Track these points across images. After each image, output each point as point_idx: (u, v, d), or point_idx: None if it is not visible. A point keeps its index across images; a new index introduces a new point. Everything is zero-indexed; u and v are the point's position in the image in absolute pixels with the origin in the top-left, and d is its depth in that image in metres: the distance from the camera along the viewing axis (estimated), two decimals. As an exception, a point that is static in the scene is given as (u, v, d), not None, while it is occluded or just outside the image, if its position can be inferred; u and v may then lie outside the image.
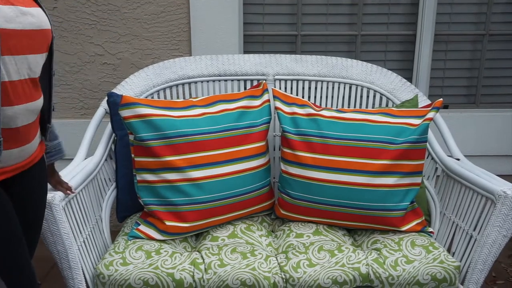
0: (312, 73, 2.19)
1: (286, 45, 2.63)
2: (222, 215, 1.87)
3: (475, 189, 1.72)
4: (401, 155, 1.80)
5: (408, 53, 2.66)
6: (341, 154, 1.83)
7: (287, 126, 1.91)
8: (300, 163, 1.86)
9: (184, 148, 1.79)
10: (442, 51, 2.68)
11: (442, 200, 1.94)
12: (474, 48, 2.69)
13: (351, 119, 1.88)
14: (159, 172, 1.80)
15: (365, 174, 1.80)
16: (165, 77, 2.12)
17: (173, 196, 1.79)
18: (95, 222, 1.78)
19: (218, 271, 1.63)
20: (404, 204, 1.82)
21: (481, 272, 1.64)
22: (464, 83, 2.75)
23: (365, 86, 2.18)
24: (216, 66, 2.16)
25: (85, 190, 1.71)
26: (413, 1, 2.60)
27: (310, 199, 1.87)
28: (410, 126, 1.83)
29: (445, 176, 1.94)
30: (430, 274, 1.65)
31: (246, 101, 1.97)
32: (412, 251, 1.72)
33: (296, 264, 1.66)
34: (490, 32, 2.65)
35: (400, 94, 2.16)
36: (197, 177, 1.80)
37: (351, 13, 2.61)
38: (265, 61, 2.18)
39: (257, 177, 1.92)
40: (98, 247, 1.76)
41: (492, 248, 1.62)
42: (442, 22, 2.63)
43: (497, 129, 2.67)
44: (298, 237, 1.84)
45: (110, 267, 1.63)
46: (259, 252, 1.71)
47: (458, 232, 1.78)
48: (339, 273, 1.64)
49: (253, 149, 1.91)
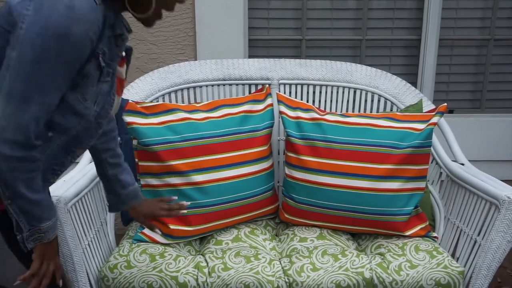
0: (317, 77, 2.19)
1: (291, 49, 2.64)
2: (226, 219, 1.88)
3: (479, 194, 1.71)
4: (405, 160, 1.80)
5: (413, 58, 2.66)
6: (345, 159, 1.83)
7: (291, 131, 1.91)
8: (305, 167, 1.87)
9: (188, 152, 1.80)
10: (447, 55, 2.68)
11: (446, 205, 1.94)
12: (479, 53, 2.69)
13: (355, 123, 1.88)
14: (163, 176, 1.80)
15: (369, 179, 1.80)
16: (170, 81, 2.13)
17: (177, 200, 1.79)
18: (100, 225, 1.79)
19: (221, 275, 1.63)
20: (408, 209, 1.82)
21: (485, 277, 1.63)
22: (469, 88, 2.74)
23: (370, 90, 2.18)
24: (221, 71, 2.17)
25: (90, 194, 1.72)
26: (418, 6, 2.60)
27: (314, 203, 1.87)
28: (414, 130, 1.83)
29: (449, 181, 1.94)
30: (434, 279, 1.65)
31: (249, 105, 1.98)
32: (416, 256, 1.71)
33: (299, 268, 1.66)
34: (495, 37, 2.64)
35: (405, 99, 2.16)
36: (201, 181, 1.80)
37: (356, 17, 2.61)
38: (270, 66, 2.19)
39: (260, 181, 1.93)
40: (102, 250, 1.76)
41: (497, 254, 1.61)
42: (447, 27, 2.63)
43: (502, 134, 2.67)
44: (302, 241, 1.84)
45: (114, 270, 1.64)
46: (263, 256, 1.71)
47: (462, 237, 1.78)
48: (343, 277, 1.64)
49: (256, 153, 1.92)
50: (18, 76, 1.00)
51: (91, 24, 1.04)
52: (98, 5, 1.06)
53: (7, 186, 1.05)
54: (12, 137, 1.02)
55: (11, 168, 1.03)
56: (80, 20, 1.01)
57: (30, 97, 1.02)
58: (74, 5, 1.01)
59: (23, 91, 1.01)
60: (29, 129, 1.03)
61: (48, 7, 1.01)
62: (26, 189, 1.06)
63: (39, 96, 1.03)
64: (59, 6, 1.00)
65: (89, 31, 1.04)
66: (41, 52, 1.00)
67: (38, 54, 1.00)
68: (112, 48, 1.16)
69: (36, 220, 1.11)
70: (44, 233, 1.13)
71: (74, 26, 1.01)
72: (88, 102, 1.13)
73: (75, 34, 1.01)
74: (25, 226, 1.10)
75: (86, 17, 1.02)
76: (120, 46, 1.19)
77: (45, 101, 1.04)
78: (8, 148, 1.02)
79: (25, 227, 1.11)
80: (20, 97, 1.01)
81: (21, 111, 1.01)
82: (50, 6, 1.01)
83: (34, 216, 1.11)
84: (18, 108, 1.01)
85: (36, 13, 1.01)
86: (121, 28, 1.18)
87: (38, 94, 1.02)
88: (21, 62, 1.00)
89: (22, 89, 1.01)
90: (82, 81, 1.10)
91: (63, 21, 1.00)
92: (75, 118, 1.13)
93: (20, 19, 1.02)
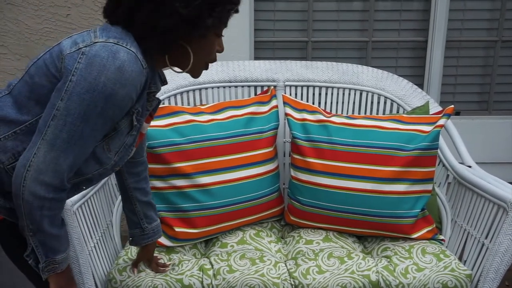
0: (323, 79, 2.18)
1: (297, 51, 2.63)
2: (231, 221, 1.87)
3: (487, 197, 1.70)
4: (412, 162, 1.79)
5: (420, 60, 2.65)
6: (351, 161, 1.82)
7: (297, 132, 1.91)
8: (310, 170, 1.86)
9: (193, 154, 1.80)
10: (454, 57, 2.66)
11: (454, 207, 1.92)
12: (487, 54, 2.67)
13: (361, 125, 1.88)
14: (168, 178, 1.80)
15: (375, 181, 1.79)
16: (176, 83, 2.14)
17: (182, 202, 1.79)
18: (105, 227, 1.79)
19: (227, 277, 1.63)
20: (415, 211, 1.81)
21: (493, 281, 1.62)
22: (476, 90, 2.73)
23: (376, 92, 2.17)
24: (226, 72, 2.17)
25: (96, 196, 1.72)
26: (424, 8, 2.59)
27: (320, 206, 1.86)
28: (421, 133, 1.82)
29: (456, 184, 1.92)
30: (441, 283, 1.64)
31: (254, 107, 1.98)
32: (423, 259, 1.70)
33: (305, 271, 1.65)
34: (503, 38, 2.63)
35: (411, 101, 2.15)
36: (206, 183, 1.80)
37: (362, 19, 2.60)
38: (276, 67, 2.18)
39: (265, 183, 1.92)
40: (108, 252, 1.77)
41: (505, 257, 1.60)
42: (454, 29, 2.61)
43: (510, 136, 2.65)
44: (308, 244, 1.83)
45: (123, 272, 1.64)
46: (268, 258, 1.71)
47: (469, 240, 1.76)
48: (349, 280, 1.63)
49: (261, 155, 1.92)
50: (64, 127, 1.06)
51: (135, 87, 1.10)
52: (144, 69, 1.11)
53: (33, 222, 1.11)
54: (49, 181, 1.08)
55: (41, 207, 1.09)
56: (127, 84, 1.07)
57: (72, 148, 1.08)
58: (124, 68, 1.06)
59: (67, 141, 1.07)
60: (64, 175, 1.10)
61: (99, 65, 1.05)
62: (49, 225, 1.12)
63: (80, 147, 1.10)
64: (111, 66, 1.05)
65: (133, 92, 1.10)
66: (87, 108, 1.06)
67: (85, 110, 1.06)
68: (145, 104, 1.22)
69: (52, 252, 1.16)
70: (58, 264, 1.18)
71: (121, 89, 1.06)
72: (111, 153, 1.20)
73: (121, 95, 1.07)
74: (42, 258, 1.16)
75: (133, 82, 1.08)
76: (151, 101, 1.25)
77: (83, 151, 1.12)
78: (43, 190, 1.08)
79: (41, 258, 1.16)
80: (63, 147, 1.07)
81: (62, 159, 1.08)
82: (102, 64, 1.05)
83: (52, 249, 1.16)
84: (59, 156, 1.08)
85: (87, 69, 1.05)
86: (156, 83, 1.23)
87: (79, 145, 1.09)
88: (68, 115, 1.06)
89: (66, 139, 1.07)
90: (111, 134, 1.16)
91: (112, 83, 1.05)
92: (95, 165, 1.20)
93: (70, 71, 1.06)
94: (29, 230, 1.12)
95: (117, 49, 1.06)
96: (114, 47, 1.07)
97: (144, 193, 1.55)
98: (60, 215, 1.16)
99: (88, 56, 1.06)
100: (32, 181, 1.07)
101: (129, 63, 1.06)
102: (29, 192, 1.07)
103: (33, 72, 1.15)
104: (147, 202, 1.56)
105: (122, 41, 1.09)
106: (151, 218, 1.58)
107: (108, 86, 1.05)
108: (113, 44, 1.07)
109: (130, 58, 1.07)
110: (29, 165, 1.07)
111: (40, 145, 1.07)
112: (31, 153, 1.07)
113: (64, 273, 1.21)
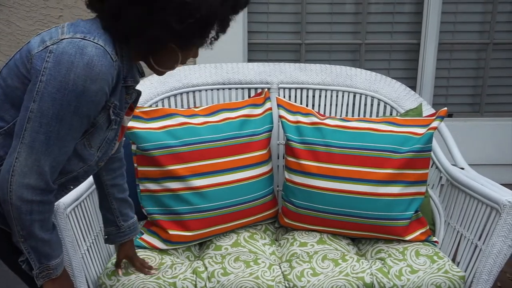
0: (316, 81, 2.19)
1: (291, 53, 2.64)
2: (225, 224, 1.87)
3: (479, 199, 1.71)
4: (406, 164, 1.80)
5: (412, 62, 2.67)
6: (345, 163, 1.82)
7: (291, 135, 1.91)
8: (304, 172, 1.86)
9: (187, 157, 1.80)
10: (446, 60, 2.68)
11: (447, 209, 1.93)
12: (479, 57, 2.69)
13: (355, 128, 1.88)
14: (162, 181, 1.80)
15: (369, 183, 1.80)
16: (170, 85, 2.13)
17: (176, 205, 1.79)
18: (98, 230, 1.78)
19: (221, 280, 1.62)
20: (409, 214, 1.82)
21: (486, 282, 1.62)
22: (468, 92, 2.75)
23: (369, 94, 2.18)
24: (220, 75, 2.17)
25: (89, 199, 1.71)
26: (417, 10, 2.60)
27: (314, 208, 1.86)
28: (415, 135, 1.83)
29: (449, 185, 1.93)
30: (434, 284, 1.64)
31: (248, 110, 1.98)
32: (417, 260, 1.71)
33: (300, 273, 1.65)
34: (494, 41, 2.65)
35: (404, 103, 2.16)
36: (200, 186, 1.80)
37: (355, 22, 2.62)
38: (269, 70, 2.18)
39: (260, 185, 1.92)
40: (101, 256, 1.75)
41: (498, 258, 1.61)
42: (446, 31, 2.63)
43: (502, 138, 2.67)
44: (302, 246, 1.83)
45: (112, 277, 1.63)
46: (263, 261, 1.70)
47: (463, 242, 1.77)
48: (343, 282, 1.63)
49: (255, 157, 1.91)
50: (40, 128, 1.06)
51: (107, 81, 1.08)
52: (114, 61, 1.09)
53: (23, 227, 1.11)
54: (34, 183, 1.08)
55: (30, 211, 1.09)
56: (98, 79, 1.06)
57: (51, 148, 1.08)
58: (93, 63, 1.04)
59: (46, 143, 1.07)
60: (48, 176, 1.10)
61: (67, 62, 1.04)
62: (40, 229, 1.12)
63: (59, 146, 1.09)
64: (79, 63, 1.04)
65: (105, 86, 1.08)
66: (61, 107, 1.05)
67: (58, 109, 1.05)
68: (123, 98, 1.21)
69: (45, 258, 1.16)
70: (53, 270, 1.18)
71: (92, 85, 1.05)
72: (93, 148, 1.19)
73: (93, 91, 1.06)
74: (35, 264, 1.15)
75: (104, 76, 1.07)
76: (130, 94, 1.24)
77: (64, 151, 1.11)
78: (29, 193, 1.08)
79: (35, 265, 1.15)
80: (43, 148, 1.07)
81: (43, 160, 1.08)
82: (70, 61, 1.04)
83: (44, 255, 1.15)
84: (40, 158, 1.07)
85: (56, 68, 1.04)
86: (134, 77, 1.22)
87: (58, 145, 1.08)
88: (42, 116, 1.05)
89: (44, 141, 1.07)
90: (90, 130, 1.15)
91: (82, 80, 1.04)
92: (78, 163, 1.19)
93: (39, 71, 1.05)
94: (20, 236, 1.12)
95: (84, 44, 1.05)
96: (81, 43, 1.05)
97: (120, 189, 1.53)
98: (51, 219, 1.16)
99: (56, 54, 1.04)
100: (17, 185, 1.07)
101: (97, 58, 1.05)
102: (16, 197, 1.07)
103: (5, 74, 1.13)
104: (123, 199, 1.53)
105: (90, 35, 1.07)
106: (127, 215, 1.55)
107: (79, 83, 1.04)
108: (80, 39, 1.06)
109: (98, 52, 1.05)
110: (13, 170, 1.06)
111: (20, 149, 1.06)
112: (13, 158, 1.07)
113: (60, 279, 1.20)
